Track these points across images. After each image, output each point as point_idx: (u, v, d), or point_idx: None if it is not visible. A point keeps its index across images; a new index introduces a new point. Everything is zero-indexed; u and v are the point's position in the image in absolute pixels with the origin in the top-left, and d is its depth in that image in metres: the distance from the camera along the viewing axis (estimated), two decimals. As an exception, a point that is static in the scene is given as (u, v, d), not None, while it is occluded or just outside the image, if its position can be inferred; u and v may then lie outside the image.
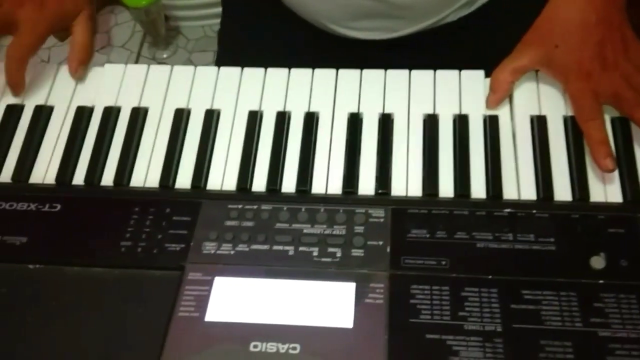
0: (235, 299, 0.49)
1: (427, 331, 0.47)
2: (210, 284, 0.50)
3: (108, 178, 0.59)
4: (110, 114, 0.62)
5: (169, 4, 1.60)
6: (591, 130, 0.55)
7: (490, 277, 0.49)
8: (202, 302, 0.49)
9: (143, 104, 0.63)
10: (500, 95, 0.59)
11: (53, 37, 1.61)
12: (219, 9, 0.87)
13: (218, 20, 0.88)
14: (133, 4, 1.49)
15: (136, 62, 1.72)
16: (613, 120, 0.58)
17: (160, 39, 1.63)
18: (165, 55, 1.64)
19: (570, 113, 0.59)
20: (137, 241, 0.53)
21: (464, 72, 0.62)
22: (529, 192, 0.55)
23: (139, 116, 0.61)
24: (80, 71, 0.64)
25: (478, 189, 0.56)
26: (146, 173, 0.59)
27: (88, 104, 0.63)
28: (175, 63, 0.63)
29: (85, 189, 0.58)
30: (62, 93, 0.64)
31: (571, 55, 0.58)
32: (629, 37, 0.58)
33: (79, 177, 0.59)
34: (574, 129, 0.57)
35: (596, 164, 0.54)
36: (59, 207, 0.56)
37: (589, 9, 0.58)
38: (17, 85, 0.62)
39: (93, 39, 0.67)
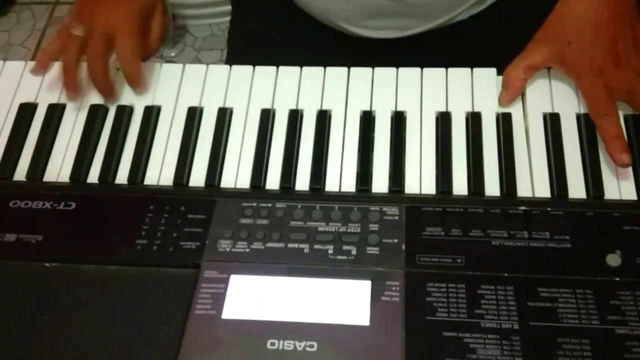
0: (252, 297, 0.50)
1: (444, 329, 0.47)
2: (226, 281, 0.50)
3: (122, 176, 0.59)
4: (124, 112, 0.62)
5: (176, 2, 1.60)
6: (605, 125, 0.55)
7: (506, 274, 0.49)
8: (218, 300, 0.49)
9: (156, 103, 0.63)
10: (513, 92, 0.59)
11: None
12: (227, 7, 0.88)
13: (225, 19, 0.88)
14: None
15: (144, 61, 1.72)
16: (626, 118, 0.58)
17: (167, 38, 1.63)
18: (173, 54, 1.65)
19: (583, 110, 0.59)
20: (152, 239, 0.53)
21: (476, 69, 0.62)
22: (543, 190, 0.55)
23: (152, 114, 0.62)
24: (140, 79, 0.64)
25: (492, 186, 0.56)
26: (160, 171, 0.59)
27: (101, 102, 0.63)
28: (183, 61, 0.64)
29: (100, 187, 0.58)
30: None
31: (584, 52, 0.58)
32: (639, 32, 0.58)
33: (93, 176, 0.59)
34: (587, 126, 0.57)
35: (612, 159, 0.54)
36: (74, 205, 0.56)
37: (601, 7, 0.58)
38: (139, 83, 0.63)
39: (164, 32, 0.68)
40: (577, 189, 0.55)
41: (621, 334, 0.46)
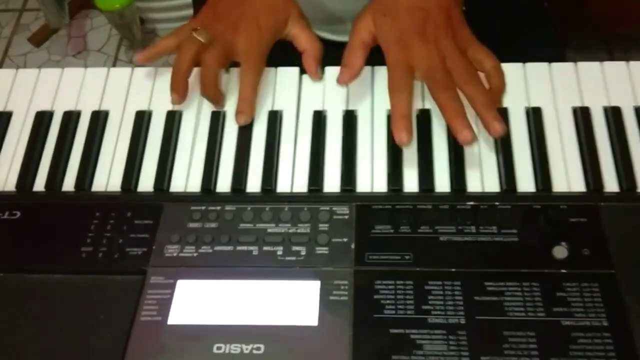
0: (198, 302, 0.49)
1: (391, 326, 0.47)
2: (172, 287, 0.50)
3: (69, 183, 0.58)
4: (70, 118, 0.61)
5: (144, 6, 1.59)
6: (396, 102, 0.56)
7: (453, 270, 0.49)
8: (164, 306, 0.49)
9: (103, 107, 0.62)
10: (356, 70, 0.59)
11: (28, 42, 1.57)
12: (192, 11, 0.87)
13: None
14: (106, 7, 1.48)
15: (113, 66, 1.71)
16: (575, 111, 0.58)
17: (136, 42, 1.62)
18: (142, 59, 1.63)
19: (532, 104, 0.59)
20: (98, 246, 0.52)
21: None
22: (493, 185, 0.55)
23: (99, 120, 0.61)
24: (319, 72, 0.62)
25: (442, 183, 0.56)
26: (108, 177, 0.58)
27: (47, 108, 0.62)
28: (154, 66, 0.62)
29: (46, 196, 0.57)
30: (20, 98, 0.63)
31: (395, 25, 0.58)
32: (456, 19, 0.59)
33: (39, 184, 0.58)
34: (535, 120, 0.58)
35: (394, 135, 0.54)
36: (18, 214, 0.55)
37: None
38: (252, 104, 0.59)
39: (313, 35, 0.64)
40: (526, 182, 0.55)
41: (567, 325, 0.46)
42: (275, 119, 0.60)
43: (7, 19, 1.84)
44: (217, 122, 0.60)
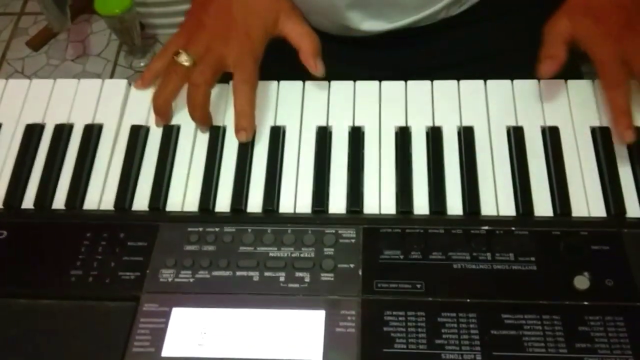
0: (195, 332, 0.46)
1: (402, 362, 0.43)
2: (167, 315, 0.46)
3: (60, 201, 0.55)
4: (62, 132, 0.58)
5: (145, 11, 1.57)
6: (616, 97, 0.53)
7: (468, 300, 0.46)
8: (158, 336, 0.45)
9: (97, 121, 0.59)
10: (560, 60, 0.55)
11: (27, 46, 1.53)
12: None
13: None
14: (106, 12, 1.45)
15: (113, 71, 1.68)
16: (594, 130, 0.55)
17: (136, 47, 1.59)
18: (142, 64, 1.61)
19: (548, 123, 0.56)
20: (88, 270, 0.49)
21: (436, 82, 0.59)
22: (508, 208, 0.52)
23: (92, 133, 0.57)
24: (320, 65, 0.58)
25: (454, 205, 0.53)
26: (101, 195, 0.55)
27: (38, 121, 0.59)
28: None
29: (35, 214, 0.54)
30: (10, 110, 0.60)
31: (600, 24, 0.55)
32: None
33: (28, 201, 0.55)
34: (552, 140, 0.55)
35: (616, 134, 0.52)
36: (5, 234, 0.52)
37: None
38: (252, 121, 0.56)
39: (310, 29, 0.60)
40: (543, 206, 0.52)
41: (591, 363, 0.43)
42: (277, 134, 0.57)
43: (5, 23, 1.82)
44: (216, 138, 0.57)
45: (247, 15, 0.58)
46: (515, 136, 0.55)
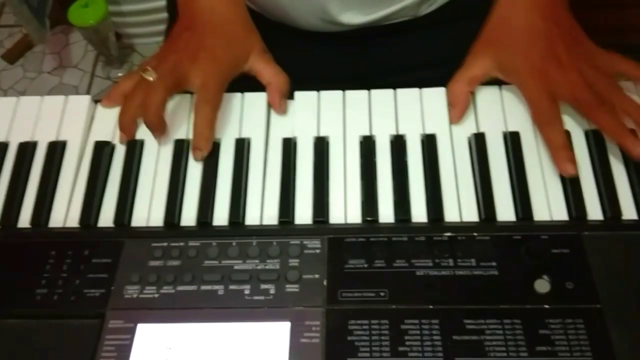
0: (160, 347, 0.46)
1: (365, 371, 0.44)
2: (132, 331, 0.46)
3: (25, 219, 0.55)
4: (26, 150, 0.58)
5: (120, 21, 1.56)
6: (551, 134, 0.54)
7: (431, 307, 0.47)
8: (123, 352, 0.45)
9: (61, 138, 0.59)
10: (460, 107, 0.57)
11: (2, 59, 1.52)
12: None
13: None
14: (80, 23, 1.45)
15: (90, 82, 1.68)
16: (587, 133, 0.56)
17: (113, 58, 1.59)
18: (120, 74, 1.60)
19: (510, 129, 0.57)
20: (53, 288, 0.49)
21: (399, 90, 0.60)
22: (471, 214, 0.53)
23: (56, 151, 0.57)
24: (284, 105, 0.59)
25: (419, 212, 0.53)
26: (66, 212, 0.55)
27: (2, 139, 0.59)
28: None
29: (1, 232, 0.54)
30: (-27, 129, 0.60)
31: (521, 57, 0.56)
32: (578, 35, 0.57)
33: (-7, 220, 0.55)
34: (513, 145, 0.55)
35: (557, 169, 0.53)
36: (-32, 254, 0.52)
37: (533, 13, 0.57)
38: (208, 139, 0.56)
39: (277, 68, 0.61)
40: (506, 211, 0.52)
41: (551, 365, 0.43)
42: (242, 147, 0.57)
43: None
44: (180, 151, 0.57)
45: (220, 44, 0.59)
46: (477, 142, 0.56)
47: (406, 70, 0.71)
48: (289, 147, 0.57)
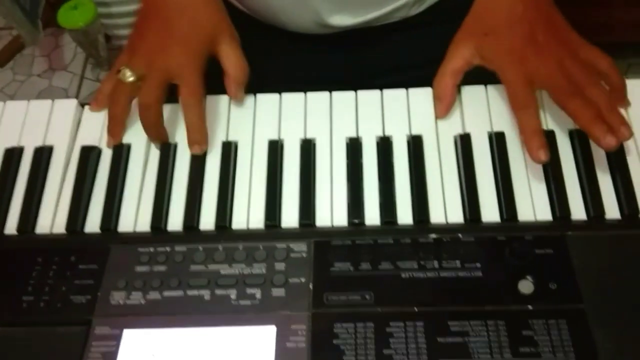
0: (146, 353, 0.46)
1: (351, 374, 0.44)
2: (118, 338, 0.47)
3: (11, 226, 0.55)
4: (13, 155, 0.58)
5: (110, 23, 1.55)
6: (524, 118, 0.53)
7: (416, 309, 0.47)
8: (109, 359, 0.46)
9: (48, 142, 0.59)
10: (447, 101, 0.57)
11: None
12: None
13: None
14: (70, 25, 1.44)
15: (80, 84, 1.67)
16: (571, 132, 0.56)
17: (103, 60, 1.58)
18: (109, 76, 1.59)
19: (495, 129, 0.57)
20: (40, 295, 0.49)
21: (386, 91, 0.60)
22: (457, 215, 0.53)
23: (42, 156, 0.57)
24: (240, 94, 0.59)
25: (404, 214, 0.53)
26: (53, 218, 0.55)
27: (-7, 147, 0.59)
28: None
29: (-14, 239, 0.54)
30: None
31: (501, 42, 0.56)
32: (560, 22, 0.57)
33: (-21, 227, 0.55)
34: (498, 145, 0.55)
35: (529, 155, 0.52)
36: (-45, 262, 0.52)
37: (514, 1, 0.57)
38: (203, 133, 0.57)
39: (242, 55, 0.60)
40: (490, 212, 0.53)
41: (534, 366, 0.44)
42: (229, 150, 0.57)
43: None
44: (167, 155, 0.57)
45: (187, 28, 0.58)
46: (463, 143, 0.56)
47: (399, 71, 0.71)
48: (275, 149, 0.57)
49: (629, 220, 0.51)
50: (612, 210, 0.52)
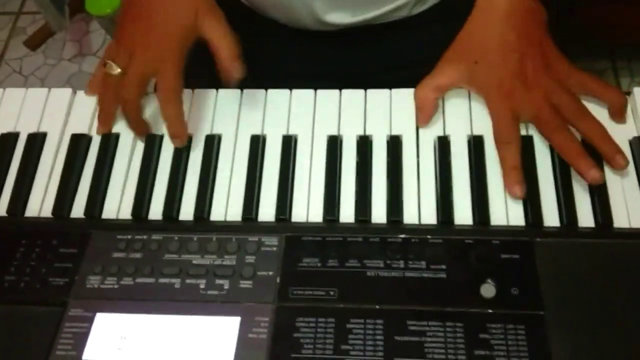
0: (115, 336, 0.48)
1: (307, 367, 0.45)
2: (91, 320, 0.49)
3: (1, 208, 0.57)
4: (7, 140, 0.60)
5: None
6: (504, 153, 0.54)
7: (377, 307, 0.48)
8: (80, 340, 0.48)
9: (42, 129, 0.61)
10: (427, 112, 0.58)
11: (24, 46, 1.53)
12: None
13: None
14: (97, 12, 1.47)
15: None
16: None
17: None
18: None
19: (476, 132, 0.57)
20: (21, 275, 0.52)
21: (370, 91, 0.61)
22: (430, 217, 0.53)
23: (35, 142, 0.60)
24: (235, 67, 0.58)
25: (379, 214, 0.54)
26: (42, 202, 0.57)
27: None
28: None
29: (-23, 221, 0.56)
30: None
31: (492, 73, 0.57)
32: (551, 52, 0.57)
33: (-29, 208, 0.57)
34: (476, 149, 0.56)
35: (506, 189, 0.53)
36: (-54, 240, 0.54)
37: (507, 27, 0.57)
38: (181, 128, 0.57)
39: (228, 29, 0.59)
40: (464, 215, 0.53)
41: (487, 370, 0.44)
42: (212, 143, 0.58)
43: (4, 22, 1.85)
44: (152, 147, 0.59)
45: (165, 18, 0.59)
46: (440, 145, 0.56)
47: (398, 69, 0.71)
48: (257, 144, 0.58)
49: (602, 229, 0.51)
50: (586, 218, 0.52)
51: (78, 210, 0.56)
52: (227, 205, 0.56)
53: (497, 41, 0.57)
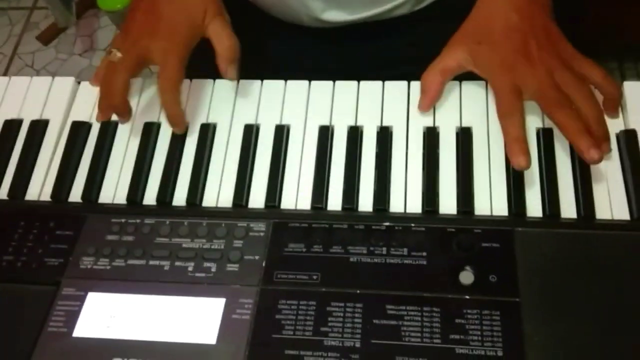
0: (105, 315, 0.50)
1: (287, 347, 0.47)
2: (82, 299, 0.51)
3: (3, 192, 0.59)
4: (11, 127, 0.62)
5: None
6: (507, 125, 0.54)
7: (358, 291, 0.49)
8: (72, 318, 0.50)
9: (44, 117, 0.63)
10: (431, 95, 0.59)
11: (37, 40, 1.56)
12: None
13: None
14: (108, 8, 1.50)
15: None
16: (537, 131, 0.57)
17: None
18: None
19: (464, 124, 0.58)
20: (18, 255, 0.54)
21: (362, 82, 0.62)
22: (416, 205, 0.55)
23: (38, 129, 0.62)
24: (231, 70, 0.60)
25: (366, 202, 0.55)
26: (42, 186, 0.60)
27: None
28: None
29: (-20, 203, 0.59)
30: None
31: (495, 52, 0.57)
32: (554, 34, 0.58)
33: (-27, 191, 0.60)
34: (464, 140, 0.57)
35: (511, 162, 0.53)
36: (-52, 221, 0.57)
37: (511, 10, 0.58)
38: (179, 116, 0.59)
39: (232, 33, 0.62)
40: (448, 204, 0.54)
41: (461, 353, 0.45)
42: (207, 131, 0.60)
43: (18, 17, 1.89)
44: (149, 133, 0.60)
45: (174, 12, 0.60)
46: (429, 136, 0.57)
47: (396, 65, 0.72)
48: (250, 133, 0.60)
49: (583, 220, 0.52)
50: (569, 210, 0.53)
51: (76, 194, 0.58)
52: (219, 191, 0.57)
53: (501, 22, 0.58)
